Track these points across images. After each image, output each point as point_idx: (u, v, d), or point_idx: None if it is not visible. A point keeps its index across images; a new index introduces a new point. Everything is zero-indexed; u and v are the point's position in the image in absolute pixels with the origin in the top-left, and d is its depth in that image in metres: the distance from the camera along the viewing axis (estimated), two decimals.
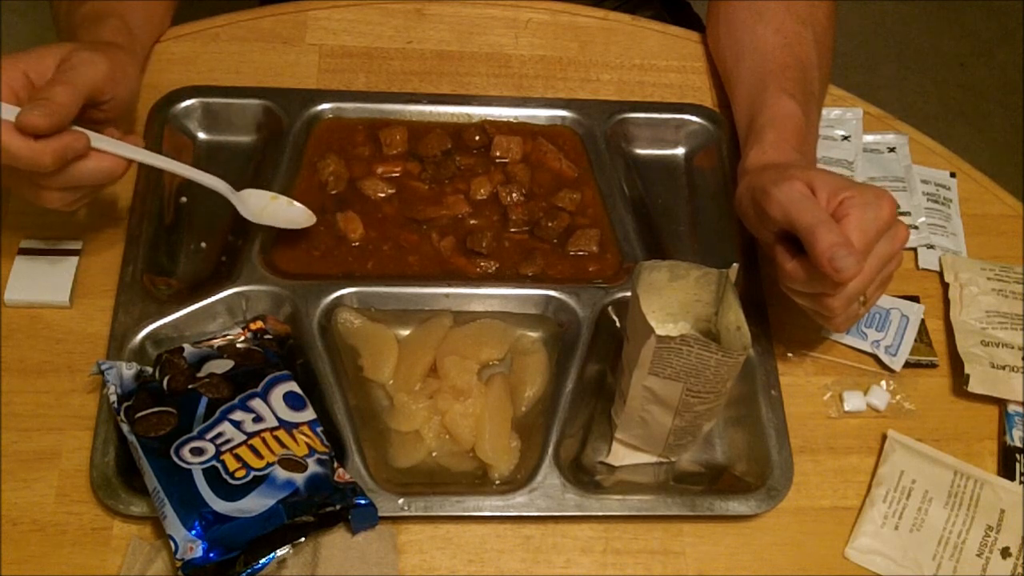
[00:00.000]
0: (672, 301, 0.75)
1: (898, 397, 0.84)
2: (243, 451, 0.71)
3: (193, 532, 0.67)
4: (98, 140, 0.73)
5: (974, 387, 0.84)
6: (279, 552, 0.68)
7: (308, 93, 0.94)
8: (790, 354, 0.86)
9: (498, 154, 0.93)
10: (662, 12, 1.18)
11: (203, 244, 0.87)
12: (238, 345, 0.79)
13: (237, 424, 0.72)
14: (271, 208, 0.84)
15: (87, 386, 0.77)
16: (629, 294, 0.76)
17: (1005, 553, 0.78)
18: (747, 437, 0.81)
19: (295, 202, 0.86)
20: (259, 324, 0.81)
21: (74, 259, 0.82)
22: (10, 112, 0.68)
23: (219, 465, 0.70)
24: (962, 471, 0.80)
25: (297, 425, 0.74)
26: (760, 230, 0.80)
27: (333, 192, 0.89)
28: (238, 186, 0.83)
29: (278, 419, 0.73)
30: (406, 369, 0.81)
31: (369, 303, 0.83)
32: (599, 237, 0.89)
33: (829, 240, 0.70)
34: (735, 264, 0.72)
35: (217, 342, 0.79)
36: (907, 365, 0.86)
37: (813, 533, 0.78)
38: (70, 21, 0.85)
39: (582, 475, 0.78)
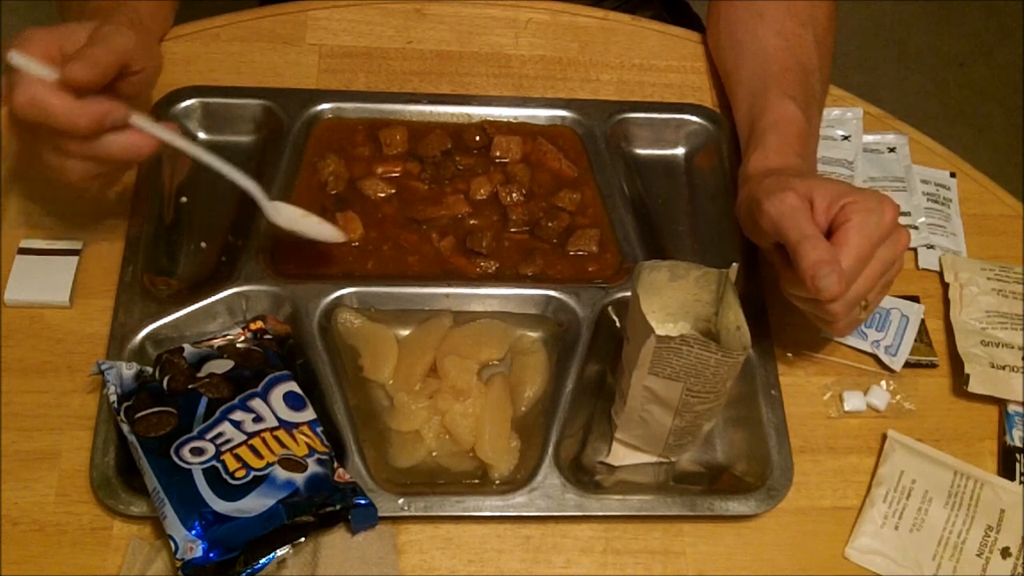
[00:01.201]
0: (672, 301, 0.75)
1: (898, 397, 0.84)
2: (243, 451, 0.71)
3: (193, 532, 0.67)
4: (137, 118, 0.73)
5: (974, 387, 0.84)
6: (279, 552, 0.68)
7: (308, 93, 0.93)
8: (790, 354, 0.86)
9: (498, 154, 0.93)
10: (662, 12, 1.18)
11: (203, 244, 0.87)
12: (238, 345, 0.79)
13: (237, 424, 0.72)
14: (302, 223, 0.83)
15: (87, 386, 0.77)
16: (629, 294, 0.76)
17: (1005, 553, 0.78)
18: (747, 437, 0.81)
19: (325, 221, 0.84)
20: (259, 324, 0.81)
21: (74, 259, 0.82)
22: (49, 74, 0.68)
23: (219, 465, 0.70)
24: (962, 471, 0.80)
25: (297, 425, 0.74)
26: (758, 238, 0.80)
27: (333, 192, 0.89)
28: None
29: (278, 419, 0.73)
30: (406, 369, 0.81)
31: (369, 303, 0.83)
32: (599, 237, 0.89)
33: (813, 257, 0.70)
34: (735, 264, 0.72)
35: (217, 342, 0.79)
36: (907, 365, 0.86)
37: (813, 533, 0.78)
38: (81, 17, 0.85)
39: (582, 475, 0.78)
